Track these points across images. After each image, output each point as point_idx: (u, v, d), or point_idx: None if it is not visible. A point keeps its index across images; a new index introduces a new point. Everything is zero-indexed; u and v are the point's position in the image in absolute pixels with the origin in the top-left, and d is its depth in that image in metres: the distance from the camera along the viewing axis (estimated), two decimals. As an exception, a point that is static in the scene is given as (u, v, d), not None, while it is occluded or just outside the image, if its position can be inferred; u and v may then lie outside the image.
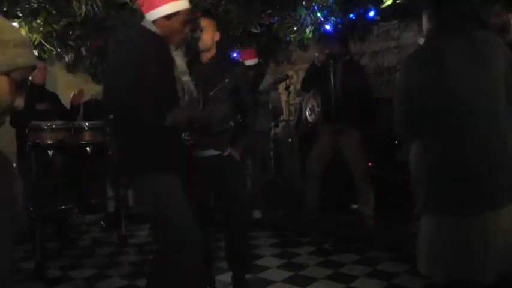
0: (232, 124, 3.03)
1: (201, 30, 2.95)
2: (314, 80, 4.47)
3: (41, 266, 3.69)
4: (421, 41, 3.91)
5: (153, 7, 2.39)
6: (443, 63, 1.82)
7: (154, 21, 2.40)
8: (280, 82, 5.33)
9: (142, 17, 2.55)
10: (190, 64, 3.01)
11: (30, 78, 4.59)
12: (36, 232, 3.73)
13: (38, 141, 3.71)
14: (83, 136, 4.07)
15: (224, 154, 2.96)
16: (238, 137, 3.03)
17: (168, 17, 2.39)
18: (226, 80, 2.94)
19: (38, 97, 4.49)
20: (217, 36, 3.04)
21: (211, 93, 2.92)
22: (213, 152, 2.97)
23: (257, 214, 5.15)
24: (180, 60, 2.69)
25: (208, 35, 2.97)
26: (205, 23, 2.97)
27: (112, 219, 4.75)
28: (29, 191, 3.65)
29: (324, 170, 4.62)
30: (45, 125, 3.76)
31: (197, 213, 2.98)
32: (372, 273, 3.50)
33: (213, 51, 3.04)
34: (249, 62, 4.85)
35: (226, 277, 3.40)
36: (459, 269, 1.83)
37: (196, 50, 3.02)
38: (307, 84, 4.65)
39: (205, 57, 3.03)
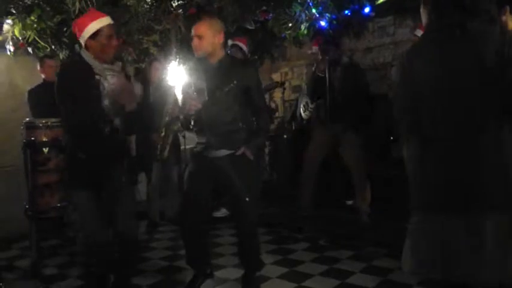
0: (242, 125, 2.98)
1: (200, 38, 2.92)
2: (319, 88, 4.51)
3: (37, 264, 3.68)
4: (419, 32, 3.94)
5: (80, 31, 2.72)
6: (439, 57, 1.80)
7: (86, 45, 2.72)
8: (268, 90, 5.30)
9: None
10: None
11: (43, 75, 4.60)
12: (32, 230, 3.73)
13: (33, 138, 3.69)
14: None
15: (237, 153, 2.96)
16: (251, 137, 3.01)
17: (92, 36, 2.69)
18: (235, 81, 2.91)
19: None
20: (219, 38, 2.96)
21: (218, 95, 2.91)
22: (225, 152, 2.97)
23: None
24: (112, 78, 2.76)
25: (207, 41, 2.91)
26: (201, 30, 2.92)
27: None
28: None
29: (319, 166, 4.64)
30: (40, 122, 3.74)
31: (194, 210, 3.03)
32: (367, 269, 3.52)
33: (219, 53, 2.99)
34: None
35: (223, 273, 3.41)
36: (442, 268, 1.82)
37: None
38: (314, 93, 4.67)
39: (212, 59, 2.99)
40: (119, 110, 2.75)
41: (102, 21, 2.72)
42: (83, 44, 2.75)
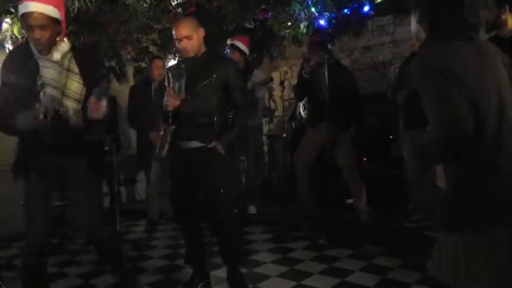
0: (216, 119, 2.98)
1: (189, 39, 2.93)
2: (304, 89, 4.54)
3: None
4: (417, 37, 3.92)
5: None
6: (454, 70, 1.72)
7: None
8: (262, 85, 5.28)
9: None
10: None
11: None
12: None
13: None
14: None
15: (208, 146, 2.97)
16: (224, 131, 3.01)
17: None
18: (214, 75, 2.94)
19: None
20: (202, 32, 3.00)
21: (197, 88, 2.93)
22: (196, 144, 2.99)
23: (252, 209, 5.15)
24: (45, 70, 2.50)
25: (195, 39, 2.95)
26: (187, 31, 2.92)
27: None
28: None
29: (312, 163, 4.65)
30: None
31: (186, 207, 3.05)
32: (366, 268, 3.51)
33: (202, 48, 3.04)
34: None
35: (221, 272, 3.40)
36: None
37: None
38: (299, 94, 4.71)
39: (196, 54, 3.02)
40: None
41: (21, 8, 2.38)
42: None
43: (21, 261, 2.81)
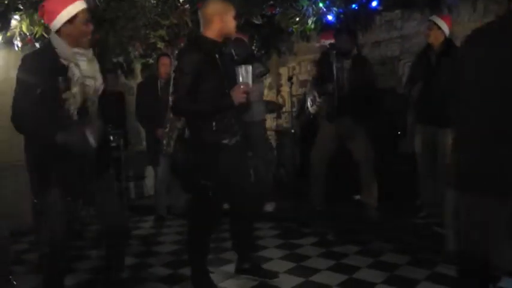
0: None
1: None
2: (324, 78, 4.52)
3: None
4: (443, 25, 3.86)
5: (52, 18, 2.53)
6: None
7: (59, 31, 2.52)
8: (260, 77, 5.15)
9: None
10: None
11: None
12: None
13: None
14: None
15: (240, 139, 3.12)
16: None
17: (69, 22, 2.51)
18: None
19: None
20: None
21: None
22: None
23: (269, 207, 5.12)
24: (84, 63, 2.58)
25: None
26: None
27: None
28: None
29: (329, 159, 4.63)
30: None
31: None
32: (374, 264, 3.51)
33: None
34: None
35: (230, 268, 3.41)
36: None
37: None
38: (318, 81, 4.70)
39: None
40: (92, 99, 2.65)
41: (77, 6, 2.55)
42: (54, 28, 2.56)
43: (47, 259, 2.86)
